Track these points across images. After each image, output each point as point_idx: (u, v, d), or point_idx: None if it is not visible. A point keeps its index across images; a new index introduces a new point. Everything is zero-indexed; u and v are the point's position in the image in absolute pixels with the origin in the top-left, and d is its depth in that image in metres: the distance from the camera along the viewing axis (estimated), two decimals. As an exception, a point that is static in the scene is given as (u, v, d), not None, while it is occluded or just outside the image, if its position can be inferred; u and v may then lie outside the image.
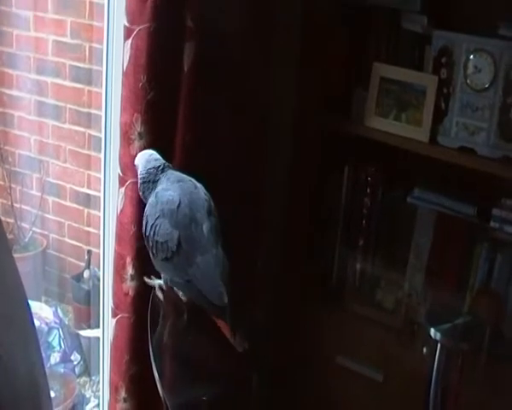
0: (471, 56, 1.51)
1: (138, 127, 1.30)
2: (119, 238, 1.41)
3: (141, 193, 1.18)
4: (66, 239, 2.90)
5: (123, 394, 1.44)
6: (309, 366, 1.76)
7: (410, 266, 1.68)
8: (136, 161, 1.20)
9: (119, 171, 1.37)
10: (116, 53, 1.37)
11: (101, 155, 1.57)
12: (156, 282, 1.24)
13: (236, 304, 1.06)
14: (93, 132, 2.65)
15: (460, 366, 1.41)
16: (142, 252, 1.36)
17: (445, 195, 1.62)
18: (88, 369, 2.65)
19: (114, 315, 1.47)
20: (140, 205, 1.27)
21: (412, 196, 1.65)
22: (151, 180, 1.14)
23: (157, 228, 1.09)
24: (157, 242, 1.09)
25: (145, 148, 1.30)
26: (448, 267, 1.65)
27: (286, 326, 1.78)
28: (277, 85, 1.57)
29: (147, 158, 1.18)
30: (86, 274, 2.75)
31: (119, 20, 1.31)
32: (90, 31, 2.57)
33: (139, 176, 1.17)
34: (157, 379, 1.13)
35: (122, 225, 1.39)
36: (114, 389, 1.46)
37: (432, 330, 1.37)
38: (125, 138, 1.33)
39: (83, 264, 2.80)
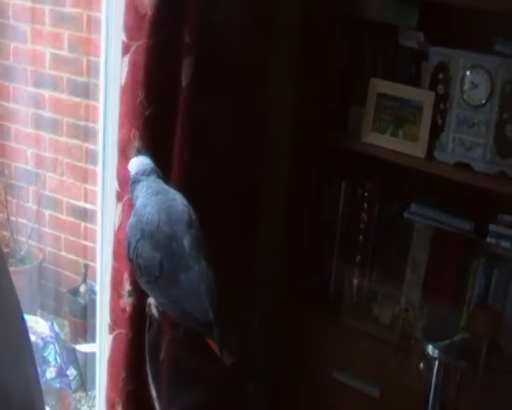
0: (467, 72, 1.52)
1: (136, 143, 1.30)
2: (117, 254, 1.40)
3: (130, 194, 1.18)
4: (63, 253, 2.89)
5: (119, 410, 1.43)
6: (306, 380, 1.76)
7: (407, 281, 1.68)
8: (129, 167, 1.20)
9: (116, 186, 1.37)
10: (114, 67, 1.38)
11: (99, 170, 1.56)
12: (152, 300, 1.22)
13: (225, 318, 1.05)
14: (90, 146, 2.65)
15: (458, 382, 1.41)
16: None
17: (442, 210, 1.62)
18: (84, 384, 2.63)
19: (111, 331, 1.46)
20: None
21: (409, 212, 1.66)
22: (137, 180, 1.14)
23: (139, 251, 1.07)
24: (140, 265, 1.08)
25: (143, 163, 1.30)
26: (445, 282, 1.65)
27: (282, 340, 1.78)
28: (275, 101, 1.58)
29: (139, 162, 1.18)
30: (83, 288, 2.74)
31: (117, 34, 1.31)
32: (87, 44, 2.57)
33: (130, 177, 1.17)
34: (154, 397, 1.12)
35: (119, 241, 1.39)
36: (111, 406, 1.45)
37: (430, 348, 1.37)
38: (123, 154, 1.33)
39: (79, 278, 2.79)
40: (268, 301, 1.78)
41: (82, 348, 2.58)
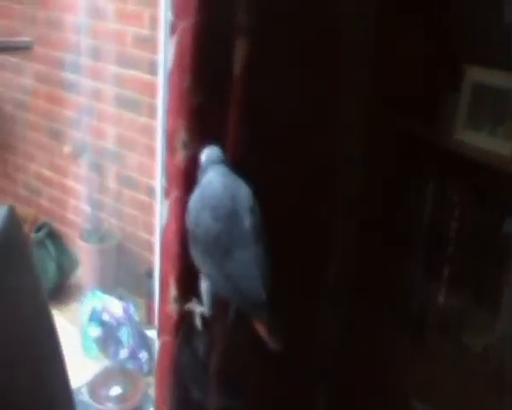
0: None
1: (183, 135, 1.16)
2: (165, 256, 1.30)
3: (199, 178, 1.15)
4: (141, 233, 2.86)
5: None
6: (379, 405, 1.56)
7: (505, 305, 1.42)
8: (202, 157, 1.15)
9: (164, 181, 1.25)
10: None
11: (157, 159, 1.47)
12: (198, 309, 1.19)
13: (277, 305, 1.02)
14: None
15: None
16: (185, 273, 1.23)
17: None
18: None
19: (159, 336, 1.36)
20: (184, 222, 1.14)
21: (509, 224, 1.40)
22: (206, 166, 1.13)
23: (199, 221, 1.09)
24: (198, 235, 1.09)
25: (190, 158, 1.16)
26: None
27: (356, 356, 1.59)
28: (347, 85, 1.32)
29: (210, 151, 1.15)
30: (158, 271, 2.69)
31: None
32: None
33: (201, 164, 1.15)
34: None
35: (168, 241, 1.27)
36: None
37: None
38: (171, 146, 1.20)
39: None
40: (340, 310, 1.60)
41: (151, 333, 2.55)
